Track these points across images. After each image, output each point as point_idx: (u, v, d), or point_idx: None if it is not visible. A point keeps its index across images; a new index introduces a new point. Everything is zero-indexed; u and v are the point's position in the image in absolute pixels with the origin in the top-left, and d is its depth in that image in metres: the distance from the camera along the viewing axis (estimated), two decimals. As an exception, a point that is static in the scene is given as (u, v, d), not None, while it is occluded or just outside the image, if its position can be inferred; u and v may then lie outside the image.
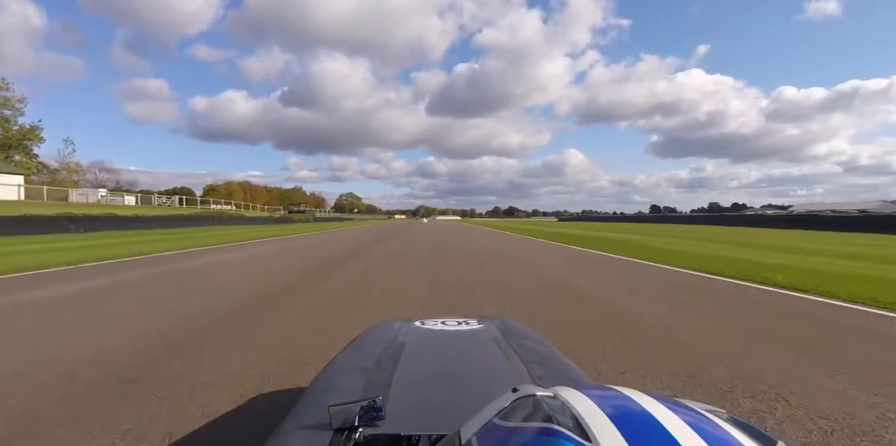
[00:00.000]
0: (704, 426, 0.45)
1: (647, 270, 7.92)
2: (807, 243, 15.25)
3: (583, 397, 0.51)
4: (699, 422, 0.46)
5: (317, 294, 5.29)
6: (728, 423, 0.48)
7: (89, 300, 4.81)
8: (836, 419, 2.03)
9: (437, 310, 4.42)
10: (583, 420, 0.45)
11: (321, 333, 3.48)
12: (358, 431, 0.71)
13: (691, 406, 0.52)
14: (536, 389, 0.56)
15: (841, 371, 2.67)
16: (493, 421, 0.53)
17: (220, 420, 2.01)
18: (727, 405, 2.16)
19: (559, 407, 0.50)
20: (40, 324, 3.77)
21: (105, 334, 3.42)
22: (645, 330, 3.67)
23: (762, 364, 2.80)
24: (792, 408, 2.14)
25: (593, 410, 0.47)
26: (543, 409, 0.50)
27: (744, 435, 0.45)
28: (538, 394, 0.55)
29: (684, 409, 0.49)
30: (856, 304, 4.66)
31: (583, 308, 4.60)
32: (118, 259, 8.83)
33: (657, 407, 0.48)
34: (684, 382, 2.49)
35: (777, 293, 5.42)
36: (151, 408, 2.08)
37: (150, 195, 38.59)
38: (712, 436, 0.43)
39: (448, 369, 1.10)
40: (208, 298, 4.99)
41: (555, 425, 0.46)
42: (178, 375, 2.52)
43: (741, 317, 4.19)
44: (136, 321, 3.86)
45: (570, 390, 0.55)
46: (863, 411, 2.12)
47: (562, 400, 0.52)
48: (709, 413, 0.50)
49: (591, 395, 0.52)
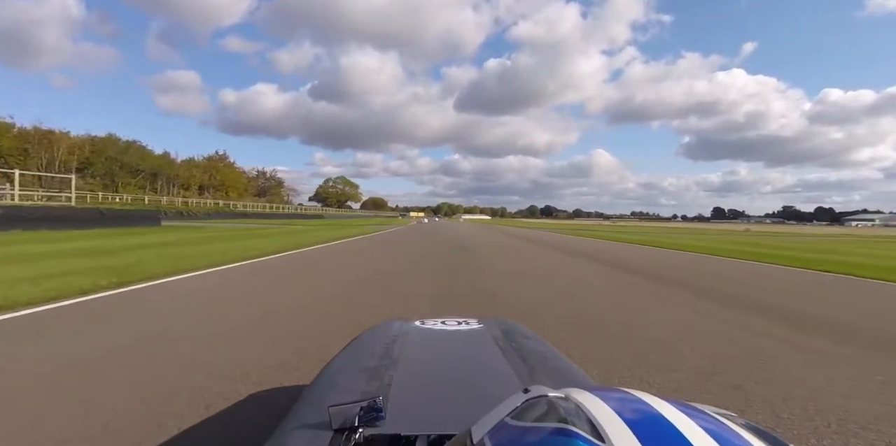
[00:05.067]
0: (718, 429, 0.45)
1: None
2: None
3: (595, 399, 0.51)
4: (712, 426, 0.46)
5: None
6: (741, 427, 0.47)
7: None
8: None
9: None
10: (597, 421, 0.45)
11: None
12: (358, 431, 0.71)
13: (703, 409, 0.51)
14: (548, 390, 0.56)
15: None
16: (505, 420, 0.53)
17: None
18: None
19: (572, 409, 0.50)
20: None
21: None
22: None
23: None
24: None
25: (607, 412, 0.47)
26: (557, 410, 0.50)
27: (757, 439, 0.45)
28: (550, 395, 0.54)
29: (696, 412, 0.49)
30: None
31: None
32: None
33: (670, 410, 0.48)
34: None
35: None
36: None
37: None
38: (726, 440, 0.43)
39: (448, 369, 1.10)
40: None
41: (569, 426, 0.45)
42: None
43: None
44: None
45: (581, 392, 0.55)
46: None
47: (574, 402, 0.51)
48: (721, 417, 0.50)
49: (603, 397, 0.52)
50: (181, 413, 2.04)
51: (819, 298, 6.15)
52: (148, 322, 3.85)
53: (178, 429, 1.89)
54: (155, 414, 2.03)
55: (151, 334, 3.42)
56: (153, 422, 1.94)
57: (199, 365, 2.71)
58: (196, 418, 2.00)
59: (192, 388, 2.33)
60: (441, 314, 2.12)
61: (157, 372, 2.59)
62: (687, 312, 4.91)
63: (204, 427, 1.93)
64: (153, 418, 1.98)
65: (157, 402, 2.15)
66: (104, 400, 2.16)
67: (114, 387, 2.34)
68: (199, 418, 1.99)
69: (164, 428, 1.89)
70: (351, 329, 3.04)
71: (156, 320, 3.94)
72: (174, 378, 2.49)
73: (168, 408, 2.09)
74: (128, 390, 2.31)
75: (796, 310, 5.02)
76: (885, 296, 6.49)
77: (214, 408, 2.10)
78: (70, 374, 2.52)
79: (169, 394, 2.24)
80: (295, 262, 8.96)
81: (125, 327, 3.65)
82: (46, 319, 3.78)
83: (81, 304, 4.38)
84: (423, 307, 4.77)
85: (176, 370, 2.62)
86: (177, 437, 1.84)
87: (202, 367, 2.66)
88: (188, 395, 2.24)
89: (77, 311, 4.12)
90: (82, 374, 2.53)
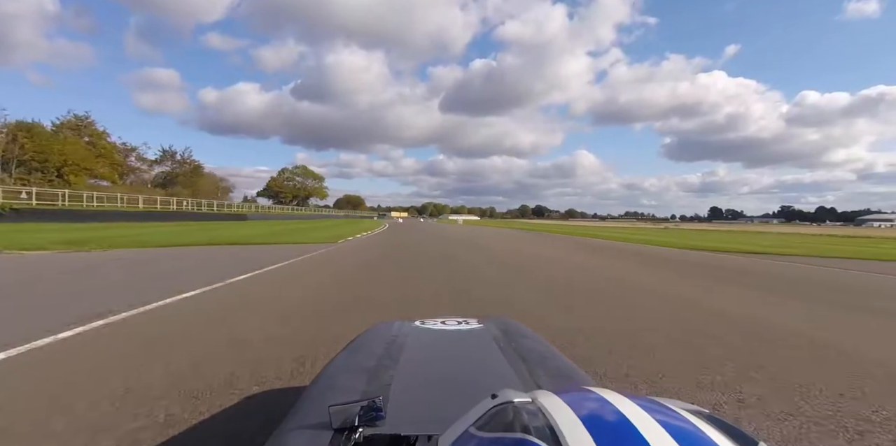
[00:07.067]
0: (681, 428, 0.46)
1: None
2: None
3: (560, 402, 0.51)
4: (676, 423, 0.46)
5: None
6: (708, 423, 0.48)
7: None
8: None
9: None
10: (557, 427, 0.46)
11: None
12: (358, 431, 0.71)
13: (671, 406, 0.52)
14: (515, 395, 0.56)
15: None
16: (468, 430, 0.53)
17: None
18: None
19: (535, 414, 0.50)
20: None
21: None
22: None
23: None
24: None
25: (568, 416, 0.48)
26: (521, 417, 0.50)
27: (722, 435, 0.45)
28: (516, 401, 0.55)
29: (663, 410, 0.50)
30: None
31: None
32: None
33: (634, 410, 0.48)
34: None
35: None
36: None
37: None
38: (689, 440, 0.44)
39: (448, 369, 1.10)
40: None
41: (529, 436, 0.46)
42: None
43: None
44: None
45: (549, 395, 0.55)
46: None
47: (538, 406, 0.52)
48: (689, 413, 0.50)
49: (569, 400, 0.52)
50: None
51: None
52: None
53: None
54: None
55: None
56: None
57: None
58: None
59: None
60: (441, 314, 2.11)
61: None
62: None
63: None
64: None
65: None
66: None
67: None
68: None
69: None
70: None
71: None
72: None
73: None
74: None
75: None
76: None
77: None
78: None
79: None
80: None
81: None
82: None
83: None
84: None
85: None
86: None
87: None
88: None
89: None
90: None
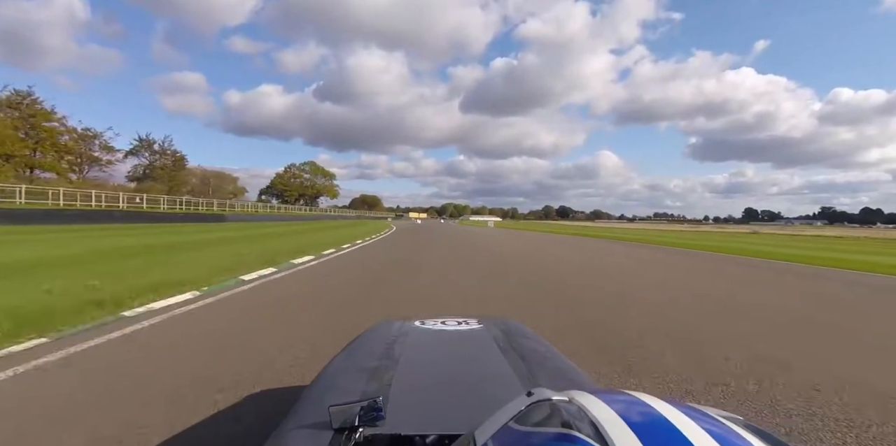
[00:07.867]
0: (721, 432, 0.45)
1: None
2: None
3: (599, 402, 0.51)
4: (715, 428, 0.46)
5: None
6: (745, 430, 0.48)
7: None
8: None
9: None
10: (601, 426, 0.45)
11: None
12: (358, 431, 0.71)
13: (707, 412, 0.52)
14: (552, 393, 0.56)
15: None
16: (508, 424, 0.53)
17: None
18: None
19: (576, 412, 0.50)
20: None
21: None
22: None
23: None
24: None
25: (611, 416, 0.47)
26: (561, 414, 0.50)
27: (761, 442, 0.45)
28: (554, 399, 0.54)
29: (701, 415, 0.49)
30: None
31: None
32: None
33: (674, 413, 0.48)
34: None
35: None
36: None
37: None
38: (729, 442, 0.43)
39: (448, 369, 1.11)
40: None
41: (573, 431, 0.46)
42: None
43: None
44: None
45: (585, 394, 0.55)
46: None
47: (578, 405, 0.51)
48: (725, 419, 0.50)
49: (606, 400, 0.52)
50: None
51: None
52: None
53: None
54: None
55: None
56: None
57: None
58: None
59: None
60: (441, 314, 2.12)
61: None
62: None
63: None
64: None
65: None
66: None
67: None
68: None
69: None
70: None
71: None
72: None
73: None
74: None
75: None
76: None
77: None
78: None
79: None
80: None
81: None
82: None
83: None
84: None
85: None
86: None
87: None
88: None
89: None
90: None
